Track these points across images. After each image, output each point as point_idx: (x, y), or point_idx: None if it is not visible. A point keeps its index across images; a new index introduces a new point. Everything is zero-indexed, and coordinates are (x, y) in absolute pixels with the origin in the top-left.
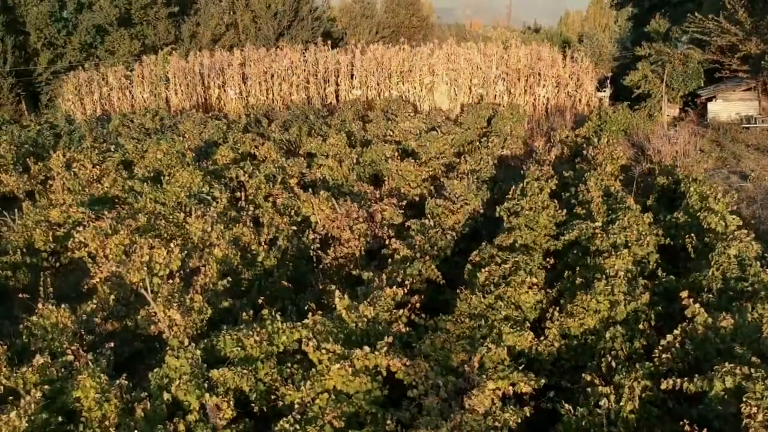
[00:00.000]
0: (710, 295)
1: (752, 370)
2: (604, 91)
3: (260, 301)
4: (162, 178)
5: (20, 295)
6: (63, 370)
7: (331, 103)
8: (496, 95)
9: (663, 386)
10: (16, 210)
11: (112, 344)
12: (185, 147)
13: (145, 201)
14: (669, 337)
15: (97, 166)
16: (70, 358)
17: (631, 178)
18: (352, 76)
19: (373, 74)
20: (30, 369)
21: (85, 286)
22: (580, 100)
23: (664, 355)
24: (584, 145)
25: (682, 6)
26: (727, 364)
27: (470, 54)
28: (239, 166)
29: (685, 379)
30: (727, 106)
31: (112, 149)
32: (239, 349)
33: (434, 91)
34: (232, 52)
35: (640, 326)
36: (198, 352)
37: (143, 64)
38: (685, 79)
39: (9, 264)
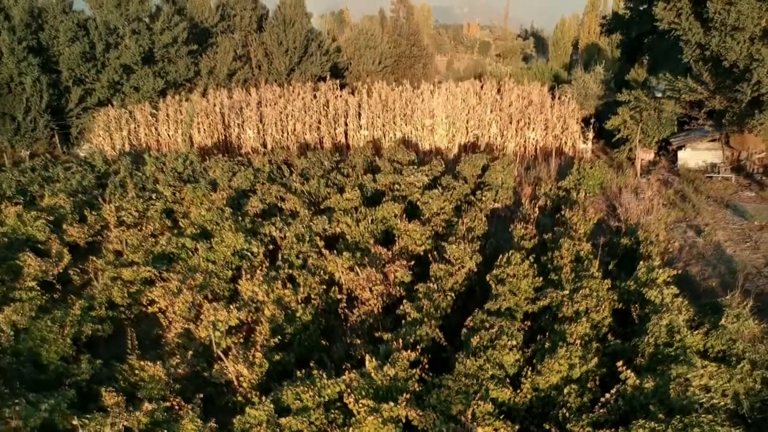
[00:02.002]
0: (642, 360)
1: (658, 425)
2: (586, 144)
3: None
4: (208, 234)
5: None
6: (165, 413)
7: (341, 142)
8: (490, 137)
9: None
10: (87, 261)
11: (201, 395)
12: (223, 202)
13: (198, 260)
14: (607, 395)
15: (143, 216)
16: (167, 404)
17: (602, 234)
18: (359, 115)
19: (379, 116)
20: (142, 413)
21: (163, 341)
22: (566, 143)
23: (601, 410)
24: (565, 197)
25: (665, 40)
26: (641, 420)
27: (467, 95)
28: (272, 223)
29: (613, 429)
30: (695, 155)
31: (153, 197)
32: (298, 401)
33: (434, 132)
34: (248, 90)
35: (589, 384)
36: (271, 405)
37: (167, 103)
38: (659, 127)
39: (97, 318)
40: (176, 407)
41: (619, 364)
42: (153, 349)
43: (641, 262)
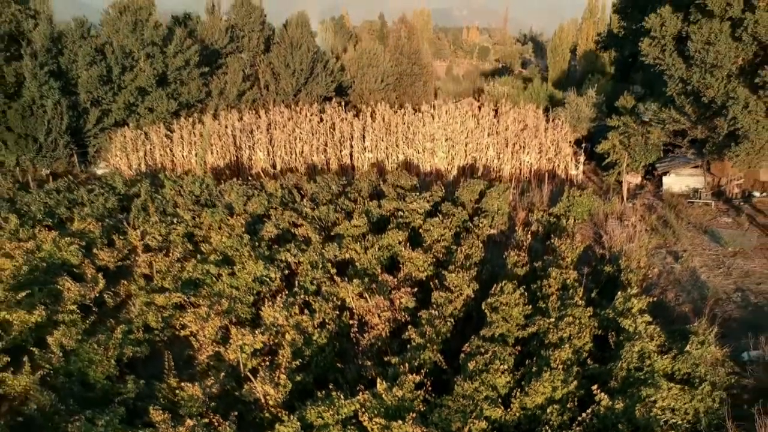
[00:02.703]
0: (615, 383)
1: None
2: (578, 168)
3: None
4: (229, 259)
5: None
6: (205, 429)
7: (346, 163)
8: (487, 159)
9: None
10: (118, 284)
11: (235, 413)
12: (242, 230)
13: (223, 286)
14: (584, 414)
15: (166, 240)
16: (206, 421)
17: (588, 260)
18: (363, 138)
19: (382, 139)
20: (185, 428)
21: (196, 362)
22: (558, 166)
23: (578, 428)
24: (556, 224)
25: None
26: None
27: (465, 118)
28: (287, 249)
29: None
30: (679, 180)
31: (175, 221)
32: (320, 419)
33: (435, 155)
34: (258, 112)
35: (569, 405)
36: (298, 423)
37: (181, 124)
38: (646, 152)
39: (135, 340)
40: (215, 424)
41: (594, 387)
42: (186, 369)
43: (619, 293)
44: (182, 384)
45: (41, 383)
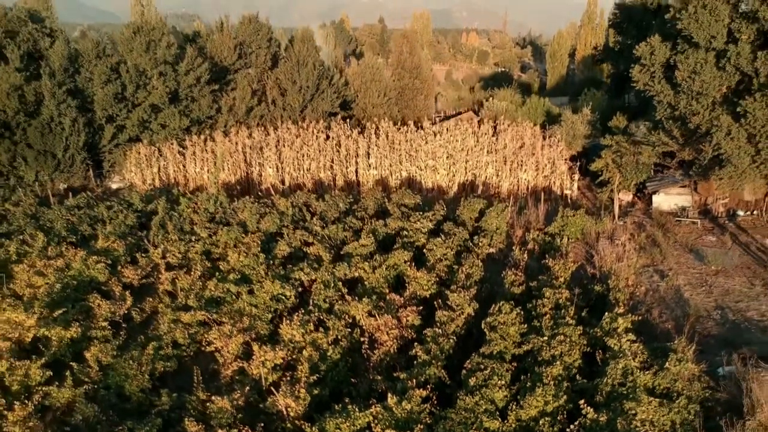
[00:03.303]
0: (601, 397)
1: None
2: (573, 185)
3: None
4: (247, 277)
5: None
6: None
7: (352, 179)
8: (486, 177)
9: None
10: (143, 301)
11: (262, 424)
12: (258, 249)
13: (243, 304)
14: (572, 426)
15: (185, 257)
16: (236, 431)
17: (581, 278)
18: (368, 155)
19: (386, 157)
20: None
21: (222, 375)
22: (554, 183)
23: None
24: (551, 243)
25: None
26: None
27: (466, 135)
28: (300, 269)
29: None
30: (668, 198)
31: (193, 239)
32: (338, 430)
33: (436, 172)
34: (266, 129)
35: (559, 417)
36: None
37: (193, 141)
38: (637, 172)
39: (165, 356)
40: None
41: (581, 402)
42: (211, 382)
43: (606, 313)
44: (212, 397)
45: (85, 396)
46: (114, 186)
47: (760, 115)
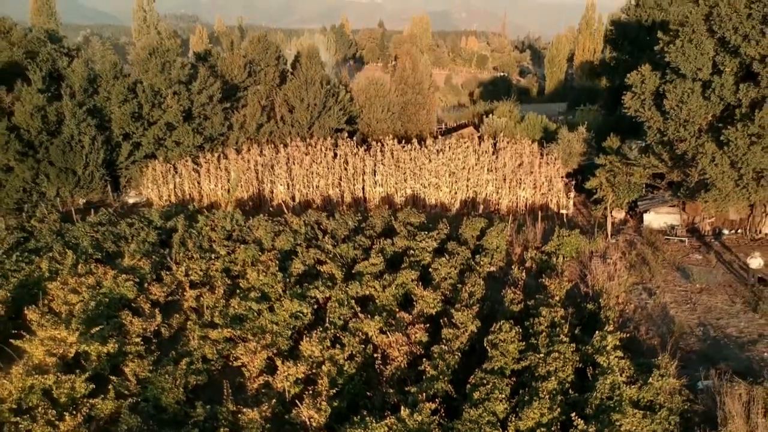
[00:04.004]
0: (591, 410)
1: None
2: (566, 211)
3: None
4: (266, 295)
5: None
6: None
7: (359, 196)
8: (486, 194)
9: None
10: (170, 317)
11: None
12: (276, 268)
13: (265, 321)
14: None
15: (206, 275)
16: None
17: (575, 297)
18: (374, 172)
19: (392, 175)
20: None
21: (248, 388)
22: (551, 200)
23: None
24: (547, 261)
25: None
26: None
27: (467, 153)
28: (316, 287)
29: None
30: (658, 217)
31: (213, 257)
32: None
33: (439, 189)
34: (276, 147)
35: (553, 428)
36: None
37: (207, 159)
38: (629, 191)
39: (196, 370)
40: None
41: (573, 414)
42: (238, 394)
43: (597, 332)
44: (242, 408)
45: (129, 408)
46: (130, 201)
47: (741, 143)
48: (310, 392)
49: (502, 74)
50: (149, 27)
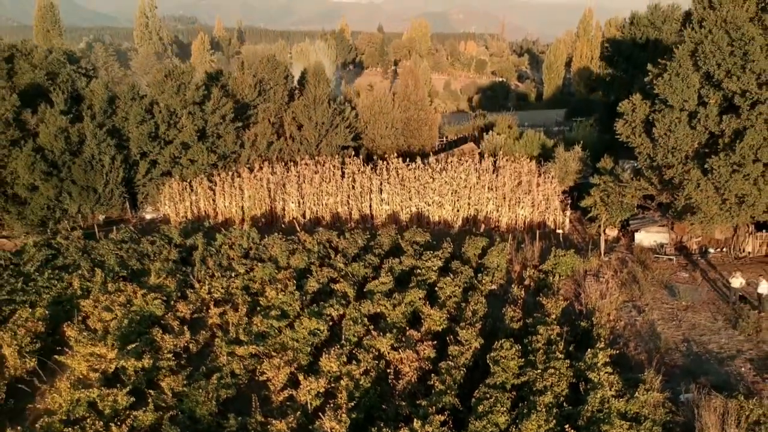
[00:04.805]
0: (582, 422)
1: None
2: (562, 230)
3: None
4: (285, 312)
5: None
6: None
7: (366, 213)
8: (487, 212)
9: None
10: (197, 334)
11: None
12: (293, 287)
13: (286, 338)
14: None
15: (227, 292)
16: None
17: (569, 315)
18: (381, 190)
19: (397, 194)
20: None
21: (272, 401)
22: (549, 218)
23: None
24: (545, 279)
25: None
26: None
27: (468, 171)
28: (331, 305)
29: None
30: (648, 236)
31: (233, 275)
32: None
33: (442, 207)
34: (287, 165)
35: None
36: None
37: (222, 177)
38: (621, 210)
39: (225, 384)
40: None
41: (567, 426)
42: (263, 406)
43: (589, 350)
44: (270, 420)
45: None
46: (147, 216)
47: (724, 171)
48: (331, 405)
49: (500, 80)
50: (151, 33)
